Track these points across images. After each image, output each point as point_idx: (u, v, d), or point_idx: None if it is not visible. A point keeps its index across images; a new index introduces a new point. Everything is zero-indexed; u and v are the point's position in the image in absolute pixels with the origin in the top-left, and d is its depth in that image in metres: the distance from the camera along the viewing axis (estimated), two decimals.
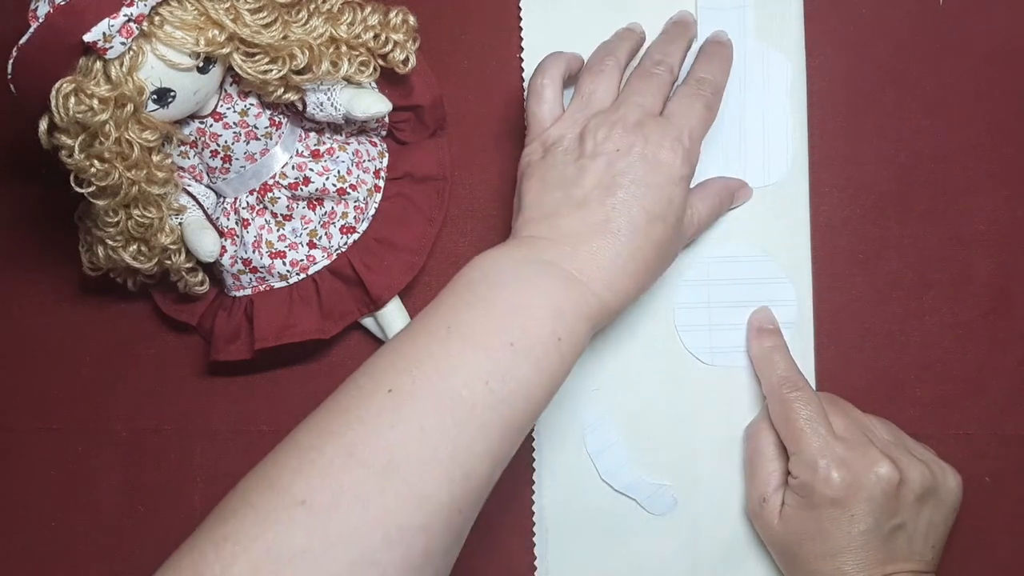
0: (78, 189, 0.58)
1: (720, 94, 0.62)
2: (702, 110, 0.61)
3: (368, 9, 0.61)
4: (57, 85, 0.54)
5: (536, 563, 0.66)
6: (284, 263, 0.64)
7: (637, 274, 0.57)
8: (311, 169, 0.63)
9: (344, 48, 0.60)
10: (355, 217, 0.64)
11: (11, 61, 0.54)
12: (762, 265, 0.66)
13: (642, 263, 0.57)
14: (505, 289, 0.54)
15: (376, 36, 0.61)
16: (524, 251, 0.56)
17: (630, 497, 0.66)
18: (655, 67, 0.62)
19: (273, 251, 0.64)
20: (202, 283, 0.65)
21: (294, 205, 0.63)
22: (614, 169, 0.57)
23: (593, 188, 0.57)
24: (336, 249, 0.64)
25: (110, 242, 0.61)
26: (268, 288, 0.65)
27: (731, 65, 0.64)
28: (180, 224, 0.62)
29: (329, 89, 0.61)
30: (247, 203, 0.63)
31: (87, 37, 0.53)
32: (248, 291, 0.65)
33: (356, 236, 0.64)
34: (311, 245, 0.64)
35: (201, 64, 0.57)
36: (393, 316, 0.65)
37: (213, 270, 0.66)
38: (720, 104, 0.62)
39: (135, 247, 0.61)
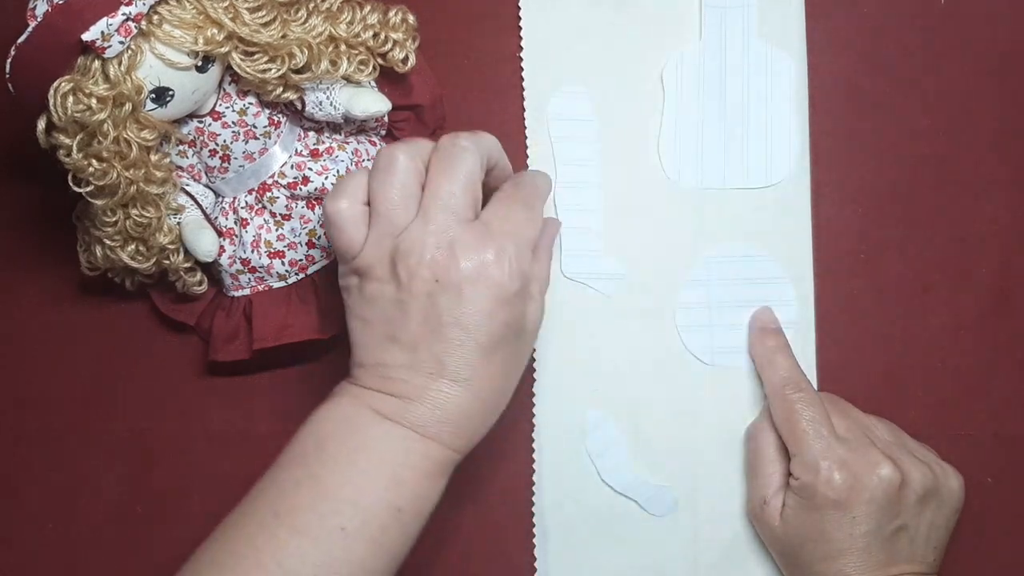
0: (76, 189, 0.58)
1: (542, 197, 0.57)
2: (521, 211, 0.55)
3: (367, 8, 0.61)
4: (55, 84, 0.54)
5: (536, 563, 0.66)
6: (283, 263, 0.64)
7: (485, 411, 0.55)
8: (310, 168, 0.62)
9: (343, 47, 0.60)
10: None
11: (9, 60, 0.54)
12: (763, 265, 0.66)
13: (489, 397, 0.54)
14: (337, 463, 0.52)
15: (375, 35, 0.61)
16: (358, 409, 0.53)
17: (630, 498, 0.66)
18: (454, 144, 0.54)
19: (272, 251, 0.64)
20: (200, 283, 0.65)
21: (293, 205, 0.63)
22: (437, 307, 0.52)
23: (419, 329, 0.53)
24: None
25: (108, 242, 0.61)
26: (267, 288, 0.65)
27: (550, 181, 0.60)
28: (178, 224, 0.62)
29: (328, 88, 0.61)
30: (246, 203, 0.63)
31: (85, 36, 0.53)
32: (247, 291, 0.65)
33: None
34: (310, 245, 0.64)
35: (200, 63, 0.57)
36: None
37: (212, 270, 0.66)
38: (543, 207, 0.57)
39: (133, 247, 0.61)
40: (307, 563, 0.50)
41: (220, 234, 0.64)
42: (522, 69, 0.67)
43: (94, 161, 0.57)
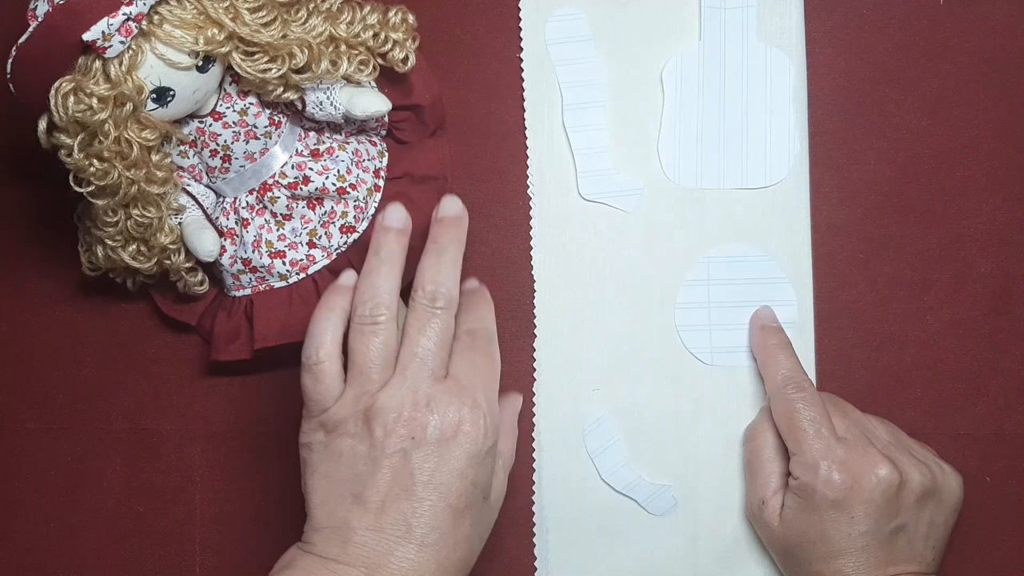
0: (77, 189, 0.58)
1: (495, 339, 0.58)
2: (485, 362, 0.57)
3: (367, 8, 0.61)
4: (56, 84, 0.54)
5: (536, 563, 0.66)
6: (284, 263, 0.64)
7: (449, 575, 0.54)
8: (311, 168, 0.63)
9: (343, 47, 0.60)
10: (355, 216, 0.64)
11: (10, 60, 0.54)
12: (762, 265, 0.66)
13: (452, 565, 0.54)
14: None
15: (375, 35, 0.61)
16: None
17: (630, 497, 0.66)
18: (432, 305, 0.56)
19: (273, 251, 0.64)
20: (202, 283, 0.66)
21: (294, 205, 0.63)
22: (410, 464, 0.53)
23: (389, 488, 0.53)
24: (336, 249, 0.64)
25: (109, 242, 0.61)
26: (268, 288, 0.65)
27: (493, 308, 0.60)
28: (179, 224, 0.62)
29: (328, 88, 0.61)
30: (247, 203, 0.63)
31: (86, 36, 0.53)
32: (248, 291, 0.65)
33: (356, 236, 0.64)
34: (311, 245, 0.64)
35: (200, 63, 0.57)
36: None
37: (213, 270, 0.66)
38: (498, 351, 0.59)
39: (134, 247, 0.61)
40: None
41: (221, 234, 0.64)
42: (522, 69, 0.67)
43: (95, 161, 0.57)
